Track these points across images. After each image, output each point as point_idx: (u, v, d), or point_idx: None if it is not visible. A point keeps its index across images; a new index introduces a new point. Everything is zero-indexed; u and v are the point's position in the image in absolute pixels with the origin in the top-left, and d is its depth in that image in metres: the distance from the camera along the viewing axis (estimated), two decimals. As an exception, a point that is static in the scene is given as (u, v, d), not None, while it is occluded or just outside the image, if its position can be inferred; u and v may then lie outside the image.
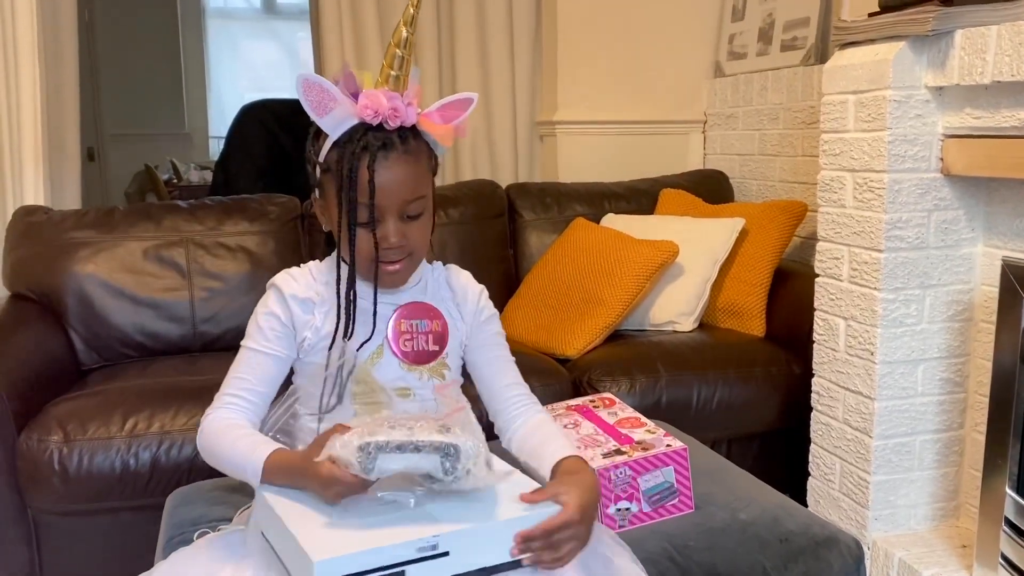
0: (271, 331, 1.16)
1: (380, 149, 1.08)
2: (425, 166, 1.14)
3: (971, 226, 1.68)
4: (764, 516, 1.30)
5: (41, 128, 2.44)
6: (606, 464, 1.26)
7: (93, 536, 1.81)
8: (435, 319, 1.21)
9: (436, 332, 1.20)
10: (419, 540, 0.92)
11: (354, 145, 1.08)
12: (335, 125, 1.09)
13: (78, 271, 2.17)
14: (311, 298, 1.18)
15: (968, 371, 1.72)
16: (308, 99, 1.08)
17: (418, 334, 1.19)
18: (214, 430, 1.13)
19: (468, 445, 0.96)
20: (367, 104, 1.07)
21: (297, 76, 1.07)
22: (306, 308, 1.17)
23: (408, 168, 1.11)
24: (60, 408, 1.82)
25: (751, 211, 2.44)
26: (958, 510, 1.76)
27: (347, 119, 1.09)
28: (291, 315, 1.17)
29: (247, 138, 3.95)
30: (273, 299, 1.18)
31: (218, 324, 2.24)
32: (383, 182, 1.08)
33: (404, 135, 1.10)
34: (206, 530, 1.25)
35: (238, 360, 1.18)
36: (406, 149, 1.10)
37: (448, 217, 2.50)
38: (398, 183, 1.10)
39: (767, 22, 2.79)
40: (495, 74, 2.97)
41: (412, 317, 1.19)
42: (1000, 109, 1.50)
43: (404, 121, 1.09)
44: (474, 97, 1.17)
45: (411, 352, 1.18)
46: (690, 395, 2.07)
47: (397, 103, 1.08)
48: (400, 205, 1.11)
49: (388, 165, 1.09)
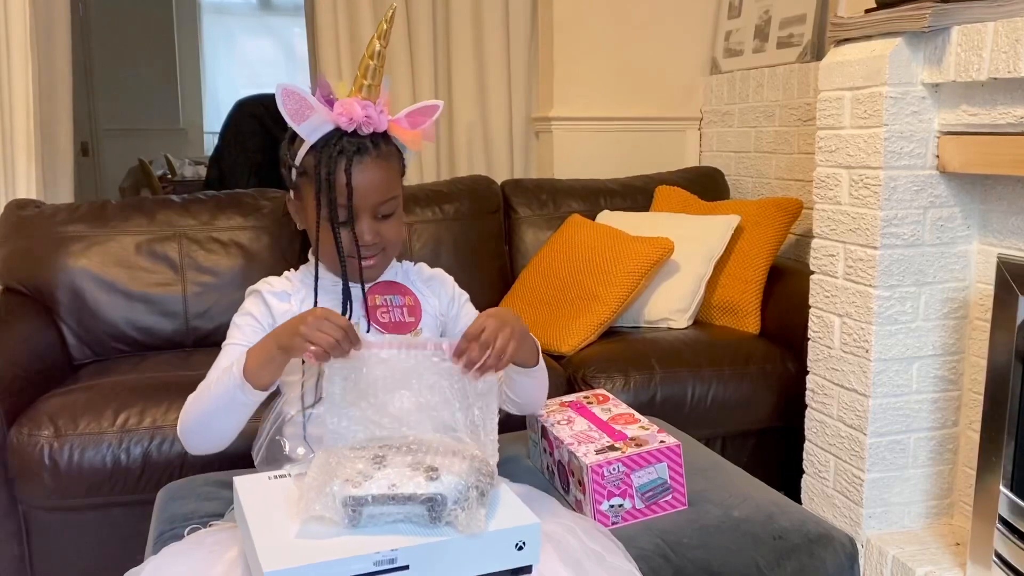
0: (248, 327, 1.23)
1: (356, 154, 1.16)
2: (396, 169, 1.24)
3: (967, 223, 1.67)
4: (758, 513, 1.30)
5: (34, 122, 2.43)
6: (599, 460, 1.26)
7: (83, 531, 1.80)
8: (406, 295, 1.30)
9: (409, 306, 1.29)
10: (377, 554, 0.90)
11: (331, 149, 1.16)
12: (312, 131, 1.17)
13: (70, 265, 2.16)
14: (287, 289, 1.27)
15: (963, 369, 1.72)
16: (287, 107, 1.15)
17: (393, 307, 1.27)
18: (190, 399, 1.19)
19: (454, 490, 0.94)
20: (342, 112, 1.16)
21: (277, 86, 1.14)
22: (282, 298, 1.25)
23: (381, 171, 1.19)
24: (51, 403, 1.81)
25: (747, 208, 2.44)
26: (952, 508, 1.76)
27: (323, 125, 1.17)
28: (269, 309, 1.24)
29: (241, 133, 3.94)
30: (249, 301, 1.27)
31: (211, 319, 2.23)
32: (358, 184, 1.16)
33: (376, 140, 1.19)
34: (197, 526, 1.24)
35: (219, 357, 1.23)
36: (379, 153, 1.19)
37: (443, 213, 2.49)
38: (372, 185, 1.18)
39: (763, 19, 2.79)
40: (491, 69, 2.96)
41: (385, 293, 1.28)
42: (996, 106, 1.49)
43: (376, 128, 1.18)
44: (439, 104, 1.27)
45: (389, 323, 1.26)
46: (685, 392, 2.06)
47: (371, 111, 1.17)
48: (374, 206, 1.20)
49: (363, 168, 1.17)
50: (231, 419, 1.15)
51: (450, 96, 2.97)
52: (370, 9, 2.82)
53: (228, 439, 1.18)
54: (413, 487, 0.94)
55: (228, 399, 1.12)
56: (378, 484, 0.94)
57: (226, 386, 1.12)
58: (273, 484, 1.06)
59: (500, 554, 0.96)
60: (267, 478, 1.07)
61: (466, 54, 2.94)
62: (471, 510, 0.94)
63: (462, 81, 2.95)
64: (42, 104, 2.47)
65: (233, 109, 4.08)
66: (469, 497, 0.94)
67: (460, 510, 0.93)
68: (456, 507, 0.93)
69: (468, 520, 0.93)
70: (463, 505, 0.94)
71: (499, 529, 0.96)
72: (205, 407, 1.15)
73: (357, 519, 0.93)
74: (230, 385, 1.11)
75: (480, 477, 0.97)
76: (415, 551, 0.92)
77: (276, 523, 0.96)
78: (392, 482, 0.94)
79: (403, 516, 0.94)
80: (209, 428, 1.16)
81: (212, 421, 1.15)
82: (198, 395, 1.18)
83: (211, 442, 1.19)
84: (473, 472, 0.97)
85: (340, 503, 0.92)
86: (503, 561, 0.96)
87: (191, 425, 1.17)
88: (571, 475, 1.31)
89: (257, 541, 0.92)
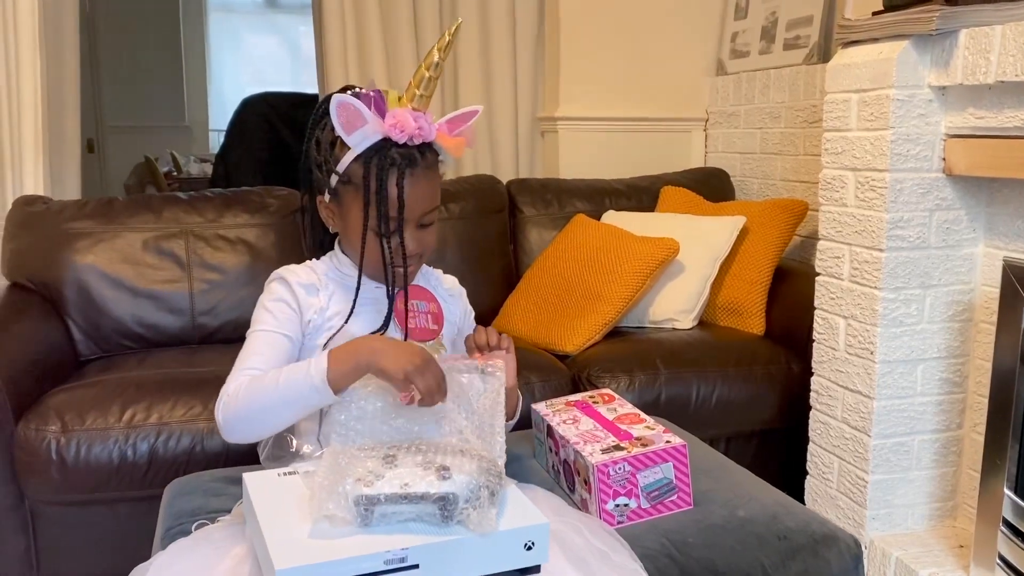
0: (281, 314, 1.22)
1: (407, 166, 1.16)
2: (439, 178, 1.25)
3: (972, 226, 1.67)
4: (763, 514, 1.30)
5: (41, 119, 2.44)
6: (605, 460, 1.26)
7: (90, 527, 1.81)
8: (431, 301, 1.31)
9: (434, 313, 1.31)
10: (387, 552, 0.90)
11: (382, 161, 1.15)
12: (361, 140, 1.16)
13: (77, 261, 2.17)
14: (315, 283, 1.25)
15: (967, 371, 1.72)
16: (339, 118, 1.14)
17: (419, 313, 1.28)
18: (246, 387, 1.13)
19: (466, 489, 0.94)
20: (395, 123, 1.15)
21: (332, 98, 1.14)
22: (311, 291, 1.24)
23: (430, 182, 1.21)
24: (58, 398, 1.81)
25: (752, 209, 2.44)
26: (956, 510, 1.76)
27: (374, 135, 1.16)
28: (297, 299, 1.23)
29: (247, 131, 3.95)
30: (278, 286, 1.24)
31: (217, 316, 2.24)
32: (409, 197, 1.17)
33: (423, 150, 1.19)
34: (204, 521, 1.24)
35: (249, 343, 1.20)
36: (427, 164, 1.20)
37: (449, 212, 2.50)
38: (422, 197, 1.19)
39: (770, 20, 2.79)
40: (497, 69, 2.97)
41: (413, 298, 1.27)
42: (1004, 109, 1.49)
43: (426, 139, 1.18)
44: (478, 109, 1.27)
45: (416, 328, 1.26)
46: (689, 392, 2.07)
47: (423, 122, 1.17)
48: (420, 216, 1.21)
49: (413, 181, 1.18)
50: (293, 415, 1.13)
51: (456, 95, 2.98)
52: (377, 8, 2.83)
53: (278, 431, 1.16)
54: (425, 486, 0.94)
55: (298, 397, 1.09)
56: (390, 483, 0.94)
57: (300, 385, 1.09)
58: (283, 481, 1.06)
59: (509, 554, 0.96)
60: (276, 475, 1.08)
61: (473, 53, 2.95)
62: (482, 509, 0.94)
63: (468, 80, 2.96)
64: (50, 101, 2.48)
65: (239, 107, 4.09)
66: (480, 496, 0.95)
67: (472, 509, 0.94)
68: (468, 506, 0.94)
69: (480, 519, 0.94)
70: (475, 504, 0.94)
71: (508, 529, 0.96)
72: (269, 401, 1.11)
73: (369, 518, 0.93)
74: (304, 386, 1.08)
75: (490, 477, 0.97)
76: (425, 550, 0.92)
77: (287, 521, 0.96)
78: (405, 481, 0.94)
79: (415, 515, 0.94)
80: (266, 421, 1.14)
81: (272, 415, 1.13)
82: (260, 387, 1.12)
83: (262, 433, 1.17)
84: (483, 472, 0.97)
85: (352, 502, 0.93)
86: (512, 561, 0.97)
87: (245, 414, 1.12)
88: (577, 474, 1.31)
89: (268, 538, 0.92)
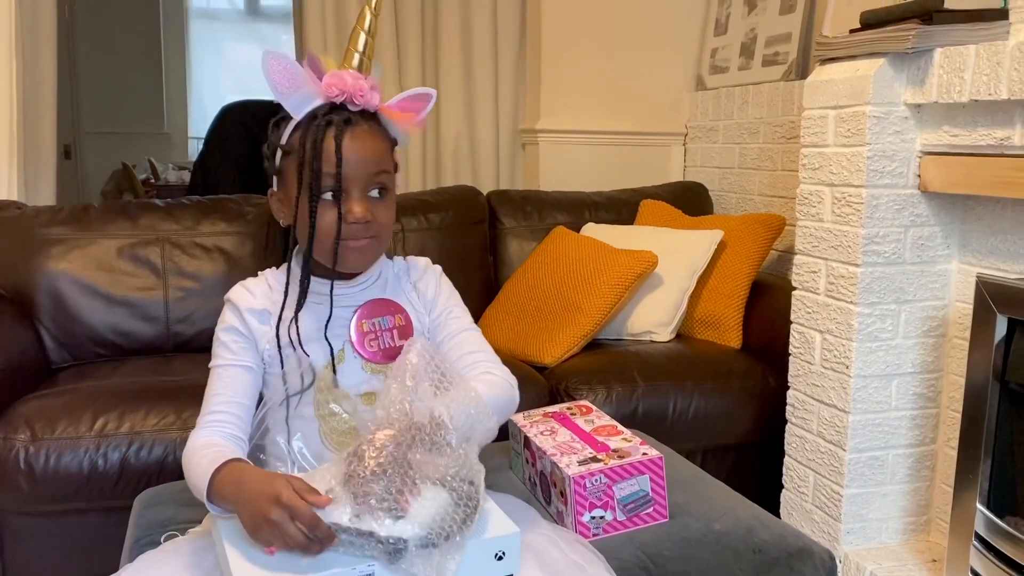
0: (234, 343, 1.15)
1: (346, 124, 1.08)
2: (389, 147, 1.14)
3: (947, 243, 1.69)
4: (738, 527, 1.30)
5: (17, 123, 2.41)
6: (582, 471, 1.26)
7: (59, 537, 1.78)
8: (396, 313, 1.19)
9: (400, 327, 1.19)
10: (352, 569, 0.89)
11: (319, 120, 1.08)
12: (299, 104, 1.10)
13: (51, 268, 2.14)
14: (267, 308, 1.16)
15: (941, 387, 1.73)
16: (273, 77, 1.07)
17: (382, 332, 1.18)
18: (186, 454, 1.08)
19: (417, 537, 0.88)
20: (332, 83, 1.09)
21: (263, 53, 1.06)
22: (263, 319, 1.16)
23: (373, 142, 1.11)
24: (28, 406, 1.79)
25: (730, 224, 2.46)
26: (929, 524, 1.77)
27: (312, 98, 1.10)
28: (249, 328, 1.16)
29: (226, 138, 3.92)
30: (229, 314, 1.17)
31: (192, 324, 2.22)
32: (349, 153, 1.07)
33: (367, 116, 1.11)
34: (174, 533, 1.22)
35: (210, 381, 1.16)
36: (370, 126, 1.11)
37: (428, 222, 2.49)
38: (364, 156, 1.09)
39: (749, 37, 2.81)
40: (479, 81, 2.97)
41: (373, 316, 1.18)
42: (977, 127, 1.51)
43: (368, 103, 1.11)
44: (432, 92, 1.18)
45: (378, 352, 1.17)
46: (666, 405, 2.07)
47: (362, 82, 1.10)
48: (366, 178, 1.10)
49: (353, 138, 1.08)
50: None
51: (437, 106, 2.98)
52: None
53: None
54: (375, 524, 0.89)
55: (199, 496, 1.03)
56: (342, 509, 0.90)
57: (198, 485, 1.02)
58: None
59: (480, 564, 0.95)
60: None
61: (454, 65, 2.95)
62: (433, 560, 0.88)
63: (450, 92, 2.96)
64: (25, 105, 2.45)
65: (219, 115, 4.06)
66: (437, 544, 0.89)
67: (421, 561, 0.88)
68: (418, 558, 0.88)
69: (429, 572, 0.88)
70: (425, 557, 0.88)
71: (478, 539, 0.96)
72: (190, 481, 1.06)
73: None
74: (199, 490, 1.02)
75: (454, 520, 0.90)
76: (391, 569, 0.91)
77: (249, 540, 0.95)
78: (357, 512, 0.90)
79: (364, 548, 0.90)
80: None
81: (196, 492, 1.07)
82: (189, 463, 1.06)
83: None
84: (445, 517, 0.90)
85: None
86: (483, 571, 0.96)
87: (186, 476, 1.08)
88: (553, 486, 1.31)
89: (230, 554, 0.92)
